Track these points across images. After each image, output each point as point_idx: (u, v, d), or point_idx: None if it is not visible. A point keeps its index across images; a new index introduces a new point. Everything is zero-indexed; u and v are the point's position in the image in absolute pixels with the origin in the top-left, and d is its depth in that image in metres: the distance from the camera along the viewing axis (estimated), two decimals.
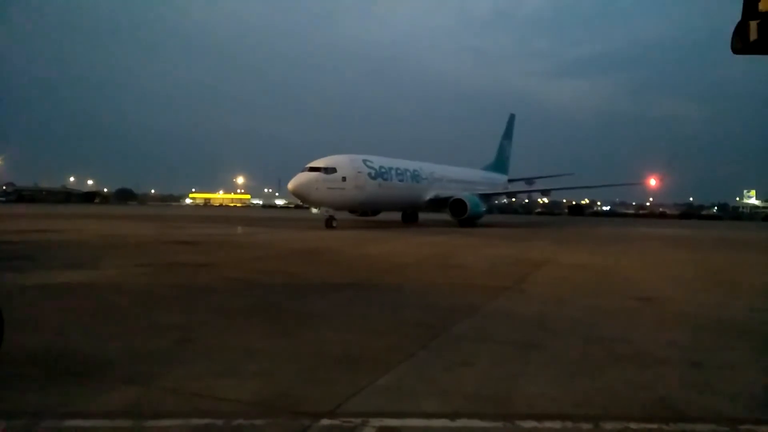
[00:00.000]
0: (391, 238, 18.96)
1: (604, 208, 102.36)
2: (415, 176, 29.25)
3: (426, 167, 30.91)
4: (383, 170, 26.50)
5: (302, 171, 23.47)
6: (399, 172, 27.86)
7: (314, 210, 25.04)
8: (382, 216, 33.25)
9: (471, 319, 5.60)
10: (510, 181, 43.65)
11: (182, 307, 5.91)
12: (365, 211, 30.83)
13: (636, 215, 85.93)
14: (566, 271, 10.24)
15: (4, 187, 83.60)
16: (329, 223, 23.18)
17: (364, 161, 25.64)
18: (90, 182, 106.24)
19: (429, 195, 29.86)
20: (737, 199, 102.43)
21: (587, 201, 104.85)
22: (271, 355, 4.10)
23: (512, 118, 46.40)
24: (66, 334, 4.60)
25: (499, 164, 44.41)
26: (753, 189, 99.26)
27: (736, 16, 2.84)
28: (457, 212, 27.79)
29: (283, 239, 16.78)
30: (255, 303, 6.25)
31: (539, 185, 41.26)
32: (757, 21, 2.77)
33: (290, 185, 23.15)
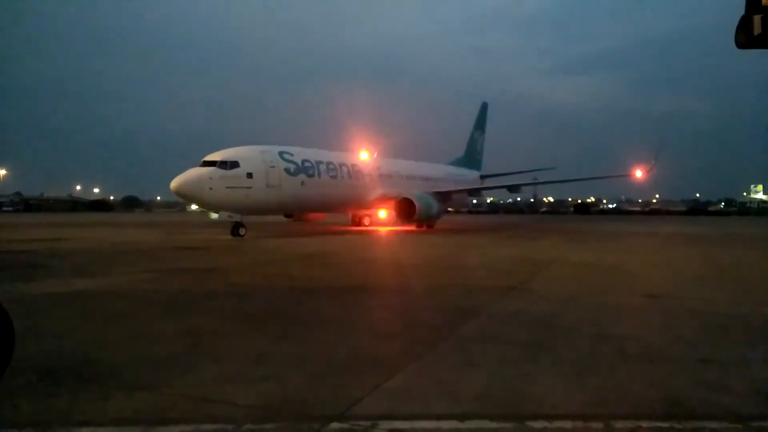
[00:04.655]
0: (388, 242, 18.98)
1: (610, 206, 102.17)
2: (354, 172, 24.92)
3: (370, 162, 26.49)
4: (307, 164, 22.04)
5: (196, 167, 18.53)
6: (331, 167, 23.44)
7: (213, 216, 19.98)
8: (326, 219, 29.11)
9: (478, 320, 5.58)
10: (484, 177, 38.22)
11: (190, 312, 5.93)
12: (295, 215, 26.27)
13: (642, 212, 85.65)
14: (574, 269, 10.20)
15: (11, 197, 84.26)
16: (236, 230, 18.70)
17: (281, 154, 21.09)
18: (96, 190, 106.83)
19: (374, 194, 25.63)
20: (744, 194, 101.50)
21: (593, 199, 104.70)
22: (280, 359, 4.09)
23: (485, 106, 41.26)
24: (75, 341, 4.61)
25: (470, 158, 38.94)
26: (760, 184, 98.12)
27: (740, 10, 2.83)
28: (404, 214, 23.93)
29: (286, 244, 16.83)
30: (261, 307, 6.26)
31: (521, 179, 35.74)
32: (761, 15, 2.76)
33: (173, 183, 17.84)
